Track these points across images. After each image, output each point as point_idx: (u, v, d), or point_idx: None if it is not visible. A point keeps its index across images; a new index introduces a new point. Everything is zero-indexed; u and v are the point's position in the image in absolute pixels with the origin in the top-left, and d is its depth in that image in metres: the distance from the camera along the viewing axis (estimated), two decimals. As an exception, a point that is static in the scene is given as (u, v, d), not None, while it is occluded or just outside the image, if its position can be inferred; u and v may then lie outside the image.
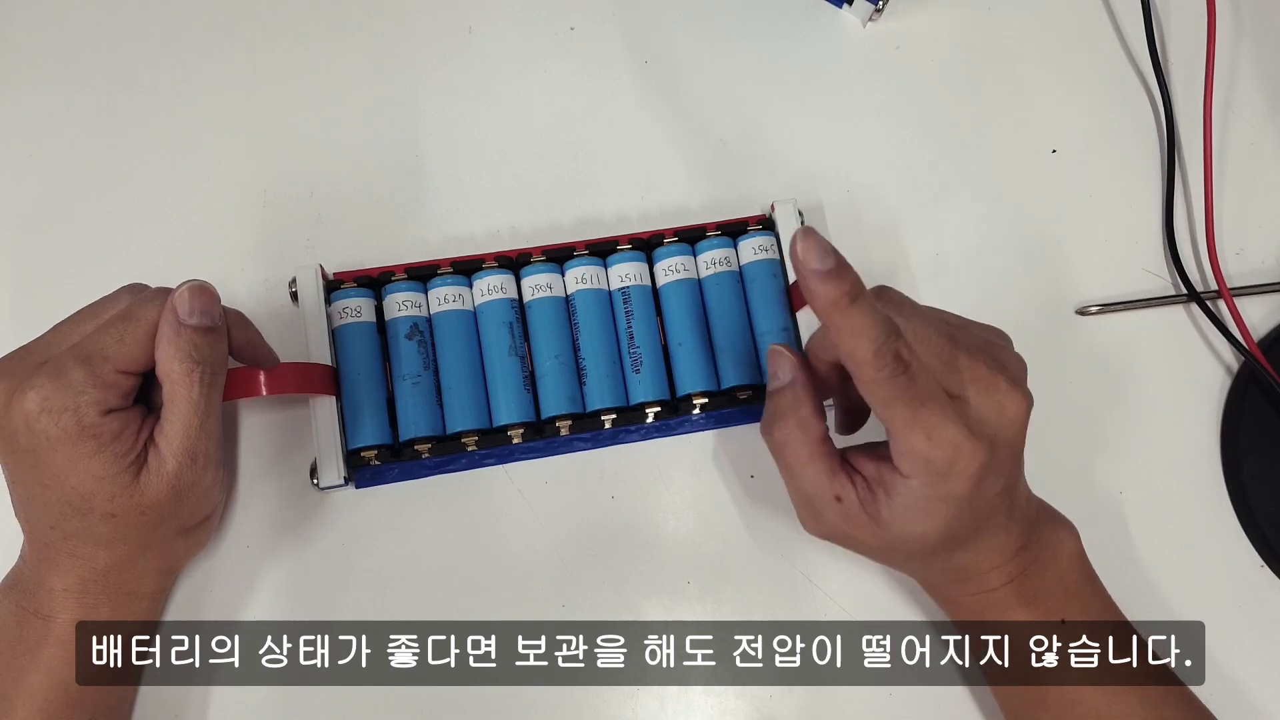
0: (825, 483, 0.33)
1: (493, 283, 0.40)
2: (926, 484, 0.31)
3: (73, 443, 0.32)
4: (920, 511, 0.32)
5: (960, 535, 0.33)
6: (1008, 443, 0.32)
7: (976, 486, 0.31)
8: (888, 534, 0.33)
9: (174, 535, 0.36)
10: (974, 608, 0.35)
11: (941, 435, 0.30)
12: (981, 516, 0.33)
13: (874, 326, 0.29)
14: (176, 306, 0.33)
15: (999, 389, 0.31)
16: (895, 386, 0.30)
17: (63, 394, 0.32)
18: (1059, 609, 0.35)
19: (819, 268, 0.29)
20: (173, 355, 0.33)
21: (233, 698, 0.39)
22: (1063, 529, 0.36)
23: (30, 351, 0.34)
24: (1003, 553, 0.34)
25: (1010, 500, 0.33)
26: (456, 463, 0.40)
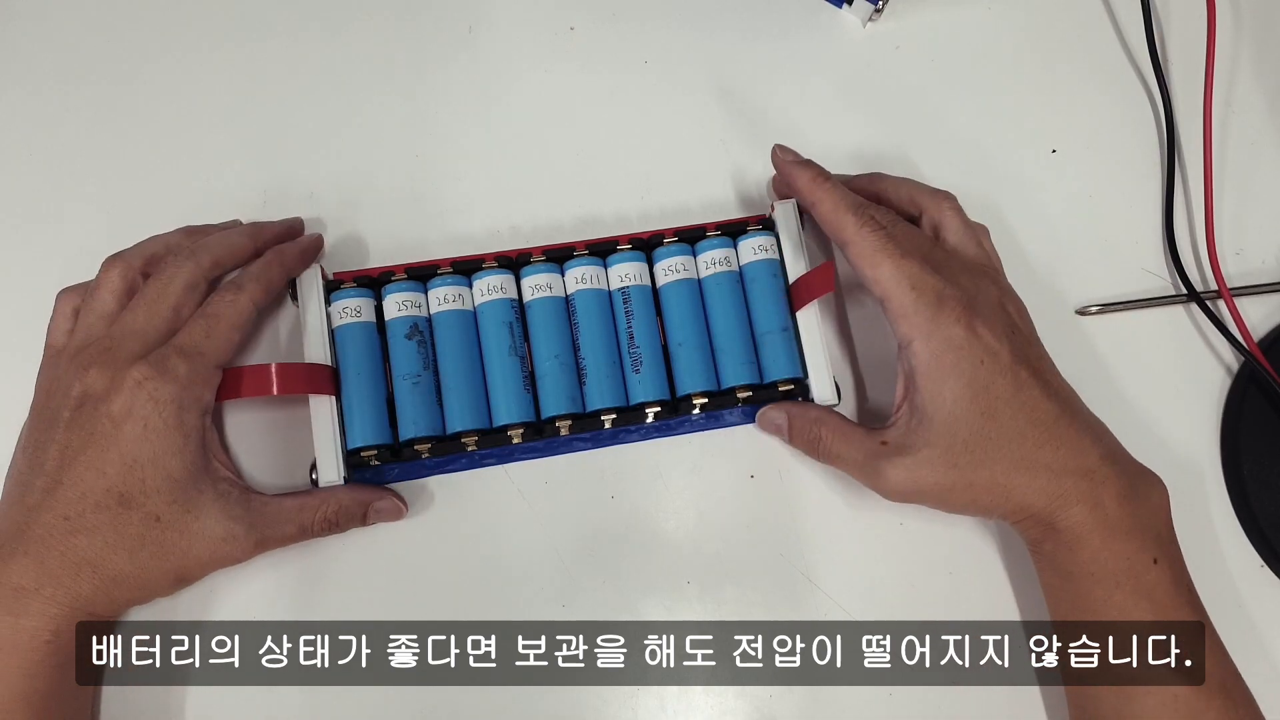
0: (865, 440, 0.37)
1: (493, 283, 0.40)
2: (925, 336, 0.35)
3: (165, 434, 0.34)
4: (937, 373, 0.34)
5: (996, 409, 0.34)
6: (988, 303, 0.36)
7: (970, 333, 0.34)
8: (932, 432, 0.34)
9: (174, 573, 0.36)
10: (1078, 532, 0.34)
11: (924, 282, 0.35)
12: (1010, 385, 0.34)
13: (850, 195, 0.37)
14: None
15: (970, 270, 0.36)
16: (878, 239, 0.36)
17: (170, 386, 0.35)
18: (1153, 546, 0.34)
19: (795, 158, 0.40)
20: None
21: (233, 698, 0.39)
22: (1155, 479, 0.36)
23: (114, 340, 0.36)
24: (1083, 454, 0.34)
25: (1046, 384, 0.35)
26: (456, 463, 0.40)
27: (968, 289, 0.36)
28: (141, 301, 0.37)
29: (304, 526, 0.38)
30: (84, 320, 0.37)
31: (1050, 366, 0.37)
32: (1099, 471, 0.34)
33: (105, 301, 0.37)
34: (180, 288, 0.37)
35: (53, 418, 0.35)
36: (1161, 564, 0.34)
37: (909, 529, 0.41)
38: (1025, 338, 0.36)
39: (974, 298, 0.35)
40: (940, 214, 0.39)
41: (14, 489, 0.36)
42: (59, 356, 0.37)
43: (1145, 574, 0.34)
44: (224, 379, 0.37)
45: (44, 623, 0.34)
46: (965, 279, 0.36)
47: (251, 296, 0.38)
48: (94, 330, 0.37)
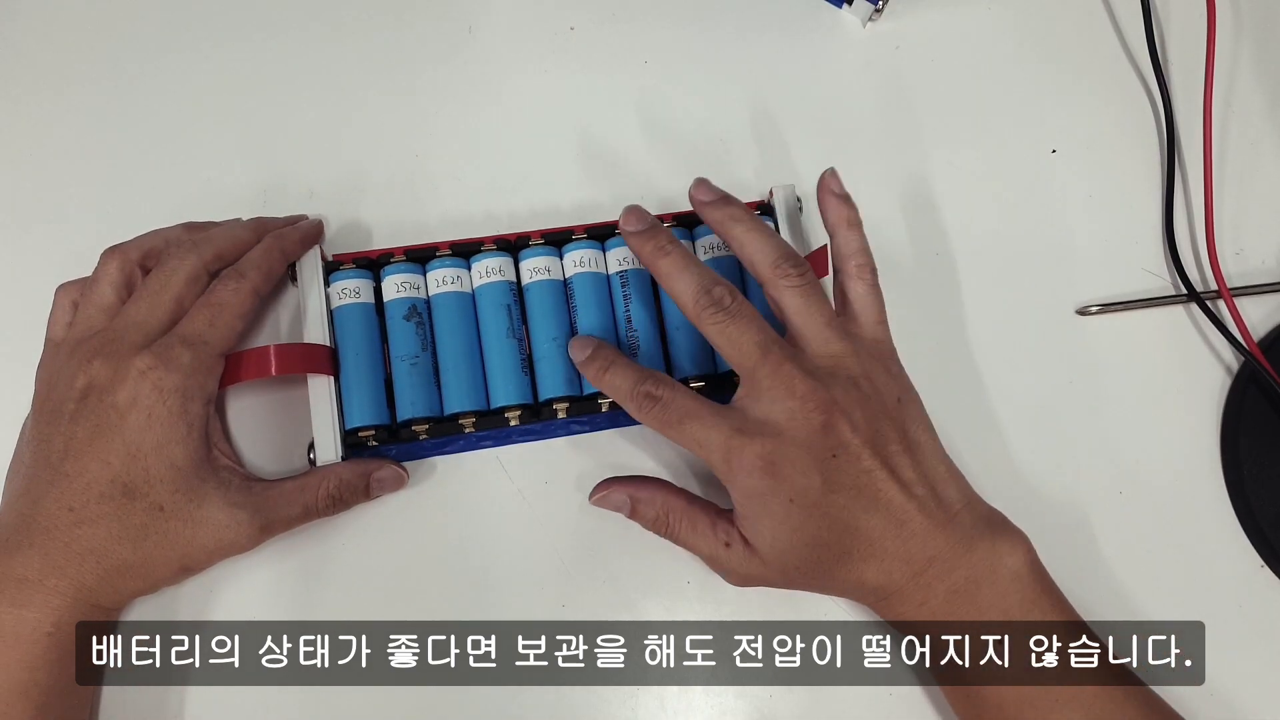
0: (713, 538, 0.36)
1: (491, 265, 0.40)
2: (732, 488, 0.35)
3: (169, 423, 0.35)
4: (752, 518, 0.34)
5: (828, 539, 0.34)
6: (797, 441, 0.34)
7: (774, 480, 0.33)
8: (763, 556, 0.35)
9: (179, 562, 0.36)
10: (909, 628, 0.35)
11: (709, 440, 0.34)
12: (834, 516, 0.34)
13: (624, 380, 0.36)
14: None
15: (793, 394, 0.34)
16: (654, 417, 0.35)
17: (174, 375, 0.35)
18: (995, 628, 0.34)
19: (578, 359, 0.37)
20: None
21: (233, 698, 0.39)
22: (1004, 543, 0.34)
23: (116, 331, 0.36)
24: (909, 563, 0.34)
25: (874, 502, 0.34)
26: (454, 444, 0.40)
27: (775, 425, 0.33)
28: (144, 293, 0.37)
29: (308, 507, 0.38)
30: (83, 312, 0.37)
31: (886, 474, 0.34)
32: (925, 575, 0.34)
33: (104, 294, 0.37)
34: (183, 279, 0.37)
35: (56, 410, 0.35)
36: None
37: (909, 529, 0.41)
38: (853, 454, 0.34)
39: (779, 435, 0.33)
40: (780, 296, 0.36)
41: (19, 482, 0.36)
42: (59, 349, 0.37)
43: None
44: (229, 363, 0.37)
45: (46, 614, 0.34)
46: (778, 410, 0.34)
47: (253, 284, 0.38)
48: (93, 322, 0.37)
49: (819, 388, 0.34)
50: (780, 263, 0.36)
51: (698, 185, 0.39)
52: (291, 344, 0.39)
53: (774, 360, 0.34)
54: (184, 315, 0.37)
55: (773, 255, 0.36)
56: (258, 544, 0.37)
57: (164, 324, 0.36)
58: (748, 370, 0.35)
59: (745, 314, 0.35)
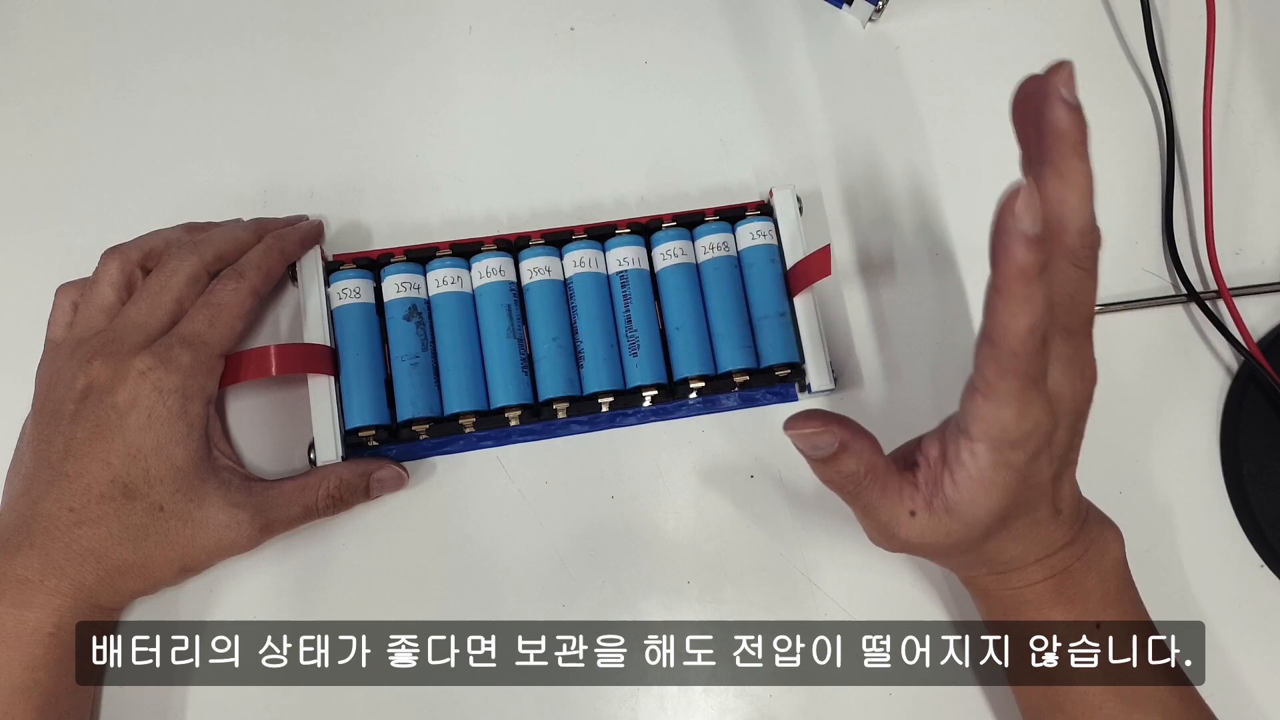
0: (898, 504, 0.33)
1: (491, 265, 0.40)
2: (994, 449, 0.30)
3: (169, 423, 0.35)
4: (985, 484, 0.31)
5: (1012, 514, 0.32)
6: (1069, 422, 0.32)
7: (1034, 459, 0.31)
8: (953, 524, 0.32)
9: (179, 562, 0.36)
10: (1011, 603, 0.35)
11: (1030, 411, 0.30)
12: (1033, 496, 0.32)
13: (1042, 305, 0.28)
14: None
15: (1084, 375, 0.31)
16: (1025, 362, 0.29)
17: (174, 375, 0.35)
18: (1096, 611, 0.34)
19: (1029, 230, 0.28)
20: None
21: (233, 698, 0.39)
22: (1110, 531, 0.35)
23: (116, 332, 0.36)
24: (1047, 545, 0.34)
25: (1057, 490, 0.33)
26: (454, 444, 0.40)
27: (1061, 402, 0.31)
28: (144, 294, 0.37)
29: (308, 507, 0.38)
30: (83, 313, 0.37)
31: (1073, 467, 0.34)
32: (1053, 559, 0.34)
33: (104, 294, 0.37)
34: (183, 280, 0.37)
35: (56, 410, 0.35)
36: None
37: (909, 529, 0.41)
38: (1074, 444, 0.33)
39: (1060, 414, 0.31)
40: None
41: (19, 482, 0.36)
42: (59, 350, 0.37)
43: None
44: (229, 363, 0.38)
45: (47, 614, 0.34)
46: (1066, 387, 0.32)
47: (253, 284, 0.38)
48: (93, 323, 0.37)
49: (1095, 370, 0.32)
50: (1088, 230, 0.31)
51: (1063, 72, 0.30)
52: (291, 344, 0.39)
53: (1084, 333, 0.31)
54: (184, 316, 0.37)
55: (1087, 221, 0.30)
56: (258, 544, 0.37)
57: (164, 324, 0.36)
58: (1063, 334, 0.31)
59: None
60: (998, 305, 0.29)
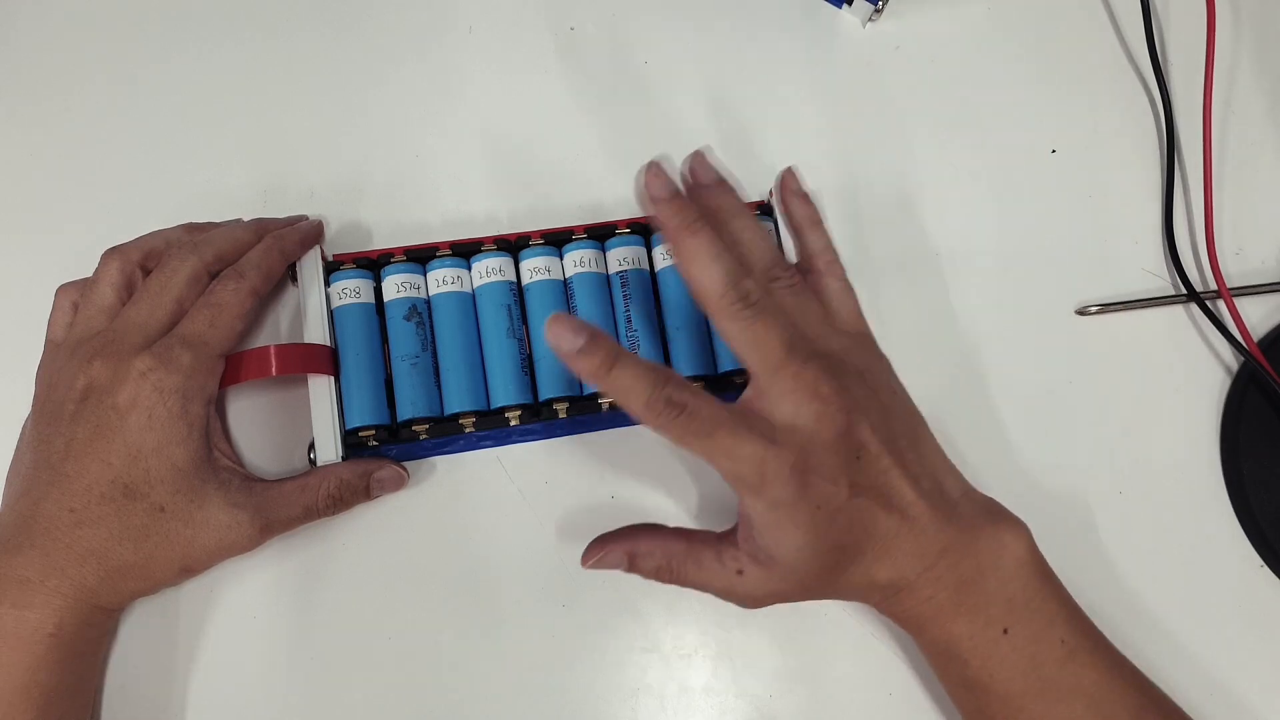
0: (721, 570, 0.35)
1: (491, 265, 0.40)
2: (758, 501, 0.32)
3: (170, 424, 0.35)
4: (774, 527, 0.33)
5: (842, 540, 0.33)
6: (825, 445, 0.32)
7: (802, 490, 0.32)
8: (782, 569, 0.33)
9: (180, 562, 0.36)
10: (915, 622, 0.35)
11: (740, 452, 0.32)
12: (850, 517, 0.33)
13: (638, 381, 0.31)
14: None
15: (819, 396, 0.32)
16: (677, 427, 0.31)
17: (174, 376, 0.35)
18: (1001, 616, 0.33)
19: (570, 349, 0.31)
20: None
21: (233, 696, 0.39)
22: (1007, 531, 0.34)
23: (117, 332, 0.36)
24: (920, 557, 0.33)
25: (886, 501, 0.33)
26: (454, 444, 0.40)
27: (802, 432, 0.32)
28: (144, 294, 0.37)
29: (308, 507, 0.38)
30: (83, 313, 0.37)
31: (900, 472, 0.33)
32: (935, 568, 0.34)
33: (104, 294, 0.37)
34: (183, 281, 0.37)
35: (57, 411, 0.35)
36: (1014, 630, 0.33)
37: (909, 529, 0.41)
38: (873, 455, 0.33)
39: (806, 443, 0.32)
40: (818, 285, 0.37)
41: (19, 483, 0.36)
42: (59, 350, 0.37)
43: (995, 647, 0.33)
44: (230, 363, 0.38)
45: (48, 615, 0.34)
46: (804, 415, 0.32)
47: (253, 285, 0.38)
48: (94, 323, 0.37)
49: (841, 389, 0.32)
50: (772, 266, 0.35)
51: (698, 161, 0.36)
52: (292, 344, 0.39)
53: (798, 360, 0.32)
54: (184, 316, 0.37)
55: (768, 256, 0.35)
56: (258, 544, 0.37)
57: (164, 325, 0.36)
58: (769, 370, 0.32)
59: (771, 310, 0.33)
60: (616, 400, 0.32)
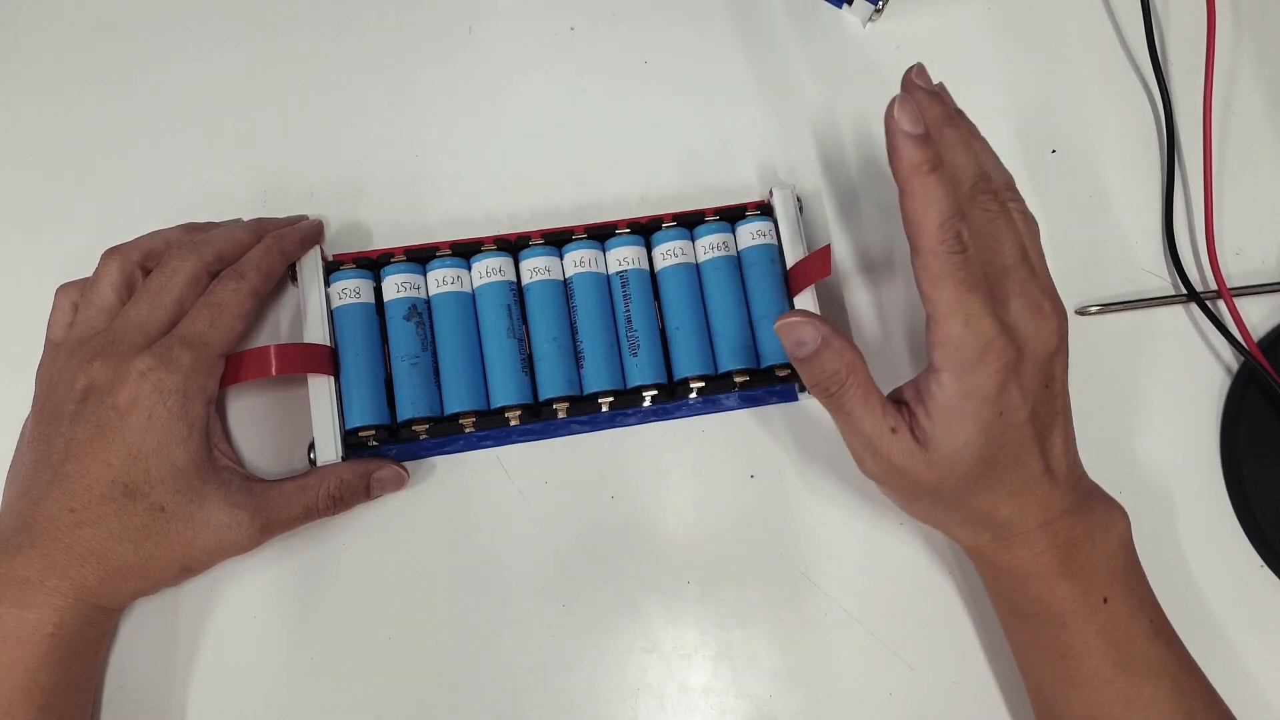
0: (881, 418, 0.34)
1: (491, 265, 0.40)
2: (957, 375, 0.32)
3: (170, 424, 0.35)
4: (956, 413, 0.33)
5: (996, 459, 0.33)
6: (1035, 359, 0.33)
7: (1002, 389, 0.32)
8: (933, 455, 0.33)
9: (180, 562, 0.36)
10: (1018, 576, 0.35)
11: (978, 324, 0.32)
12: (1014, 439, 0.33)
13: (946, 199, 0.32)
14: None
15: (1041, 311, 0.34)
16: (951, 263, 0.32)
17: (175, 376, 0.35)
18: (1104, 586, 0.34)
19: (910, 130, 0.32)
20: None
21: (234, 696, 0.39)
22: (1116, 510, 0.36)
23: (117, 332, 0.36)
24: (1045, 507, 0.34)
25: (1045, 444, 0.34)
26: (454, 444, 0.41)
27: (1022, 335, 0.33)
28: (144, 294, 0.37)
29: (308, 507, 0.38)
30: (83, 314, 0.37)
31: (1063, 422, 0.35)
32: (1054, 524, 0.34)
33: (104, 295, 0.37)
34: (183, 281, 0.37)
35: (57, 411, 0.35)
36: (1113, 602, 0.34)
37: (909, 529, 0.41)
38: (1052, 393, 0.34)
39: (1022, 347, 0.33)
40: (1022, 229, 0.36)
41: (19, 483, 0.36)
42: (59, 350, 0.37)
43: (1094, 614, 0.34)
44: (230, 363, 0.38)
45: (48, 614, 0.34)
46: (1026, 321, 0.33)
47: (253, 285, 0.38)
48: (93, 323, 0.37)
49: (1059, 311, 0.34)
50: (1007, 187, 0.36)
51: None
52: (291, 344, 0.39)
53: (1028, 267, 0.34)
54: (184, 316, 0.37)
55: (1006, 177, 0.36)
56: (258, 544, 0.37)
57: (164, 325, 0.36)
58: (1005, 269, 0.33)
59: (1012, 217, 0.34)
60: (906, 205, 0.32)
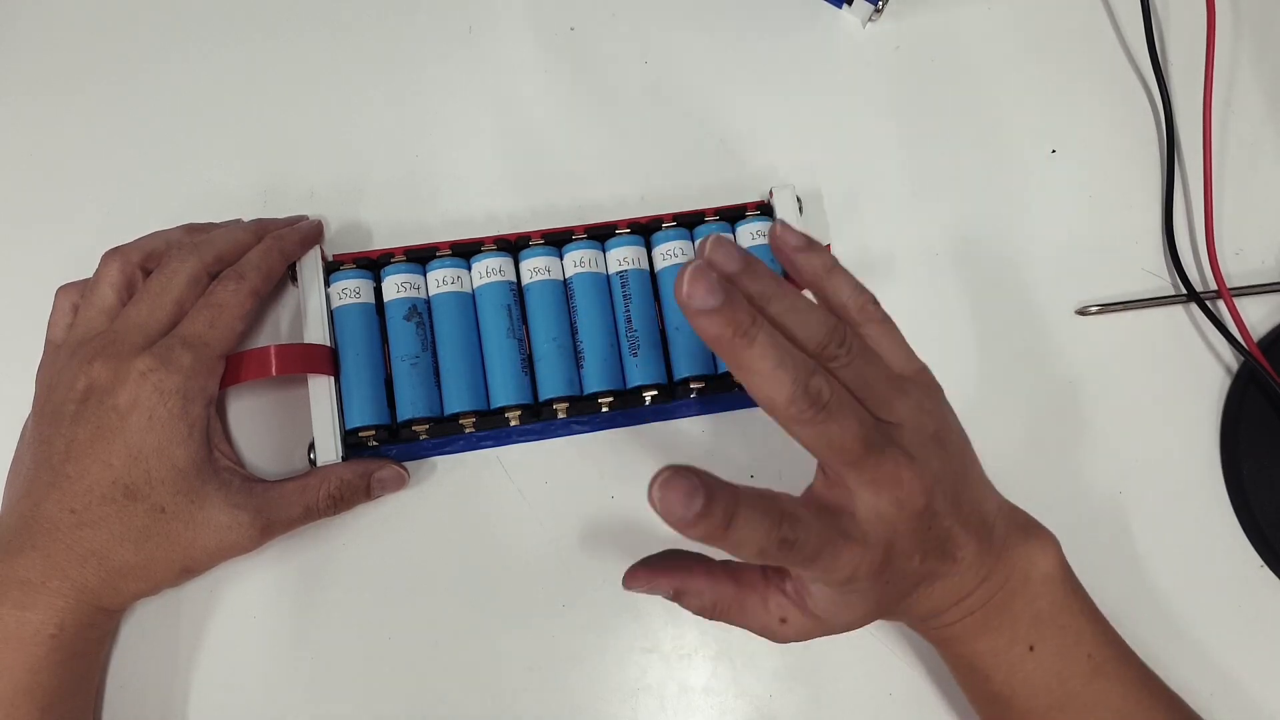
0: (766, 615, 0.33)
1: (491, 265, 0.40)
2: (835, 589, 0.31)
3: (170, 425, 0.35)
4: (845, 604, 0.32)
5: (891, 601, 0.32)
6: (906, 533, 0.31)
7: (880, 575, 0.31)
8: (835, 626, 0.33)
9: (180, 563, 0.36)
10: (939, 640, 0.35)
11: (838, 564, 0.30)
12: (912, 580, 0.32)
13: (755, 533, 0.27)
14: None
15: (899, 482, 0.30)
16: (789, 562, 0.29)
17: (175, 377, 0.35)
18: (1027, 634, 0.33)
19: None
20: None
21: (235, 696, 0.39)
22: (1035, 546, 0.34)
23: (117, 333, 0.36)
24: (958, 592, 0.33)
25: (945, 556, 0.32)
26: (454, 444, 0.40)
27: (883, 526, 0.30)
28: (145, 295, 0.37)
29: (309, 507, 0.38)
30: (84, 314, 0.37)
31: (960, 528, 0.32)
32: (969, 600, 0.33)
33: (105, 295, 0.37)
34: (184, 281, 0.37)
35: (57, 412, 0.35)
36: (1040, 647, 0.33)
37: (909, 529, 0.41)
38: (941, 521, 0.32)
39: (890, 540, 0.30)
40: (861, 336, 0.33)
41: (20, 484, 0.36)
42: (60, 351, 0.37)
43: (1021, 664, 0.33)
44: (231, 363, 0.38)
45: (50, 615, 0.34)
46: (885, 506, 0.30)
47: (253, 285, 0.38)
48: (94, 324, 0.37)
49: (921, 471, 0.30)
50: (828, 342, 0.31)
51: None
52: (291, 344, 0.39)
53: (875, 454, 0.30)
54: (185, 317, 0.37)
55: (823, 331, 0.31)
56: (259, 545, 0.37)
57: (165, 326, 0.36)
58: (847, 466, 0.30)
59: (844, 405, 0.29)
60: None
